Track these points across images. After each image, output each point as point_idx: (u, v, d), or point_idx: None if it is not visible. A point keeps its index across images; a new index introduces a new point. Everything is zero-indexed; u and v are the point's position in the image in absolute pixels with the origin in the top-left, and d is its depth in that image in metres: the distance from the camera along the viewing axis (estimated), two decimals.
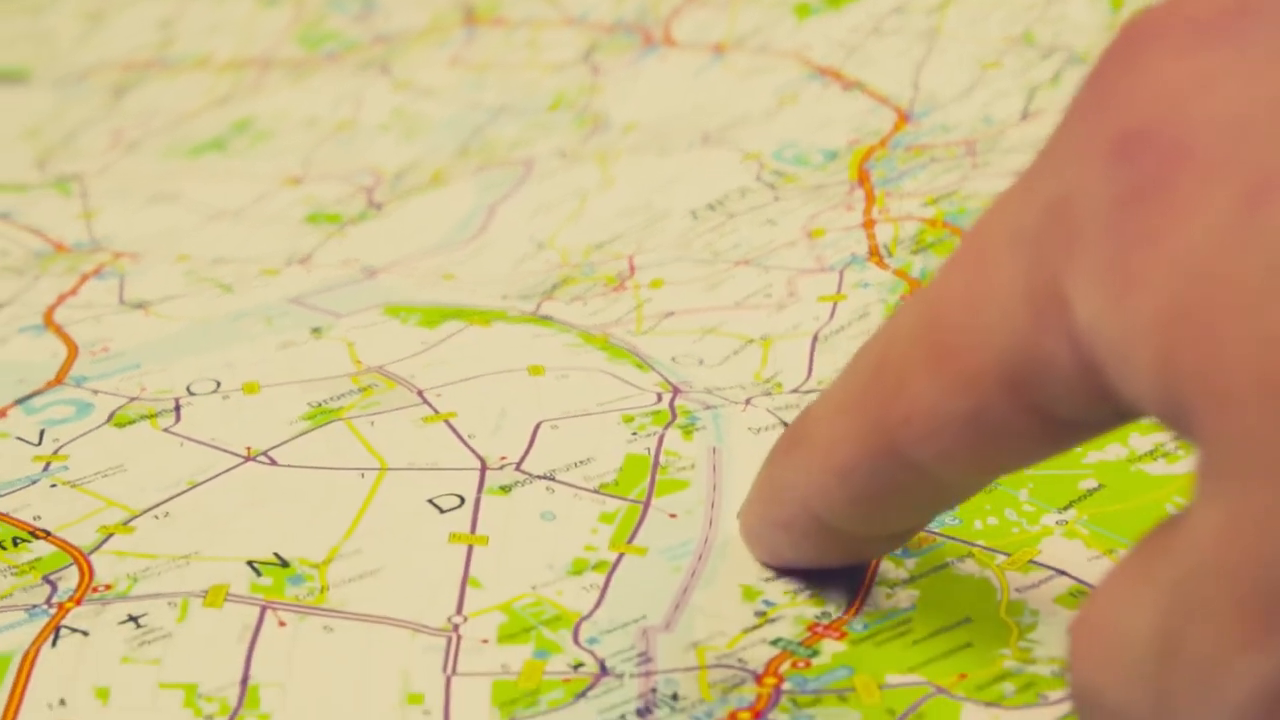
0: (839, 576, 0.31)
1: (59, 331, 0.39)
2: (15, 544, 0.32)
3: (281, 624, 0.30)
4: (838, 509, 0.29)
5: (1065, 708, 0.28)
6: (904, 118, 0.47)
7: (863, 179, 0.44)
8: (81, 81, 0.52)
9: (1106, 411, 0.24)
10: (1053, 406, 0.25)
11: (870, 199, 0.43)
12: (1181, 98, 0.22)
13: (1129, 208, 0.22)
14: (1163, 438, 0.34)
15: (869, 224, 0.42)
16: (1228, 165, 0.21)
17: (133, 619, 0.30)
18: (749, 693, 0.29)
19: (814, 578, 0.31)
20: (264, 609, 0.30)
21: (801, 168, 0.45)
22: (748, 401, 0.36)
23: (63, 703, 0.28)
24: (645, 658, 0.29)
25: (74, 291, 0.41)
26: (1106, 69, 0.23)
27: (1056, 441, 0.26)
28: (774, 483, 0.30)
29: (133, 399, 0.36)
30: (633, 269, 0.41)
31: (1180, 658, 0.22)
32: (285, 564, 0.31)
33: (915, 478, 0.27)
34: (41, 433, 0.35)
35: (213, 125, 0.50)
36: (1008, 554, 0.32)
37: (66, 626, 0.30)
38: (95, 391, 0.37)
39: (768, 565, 0.31)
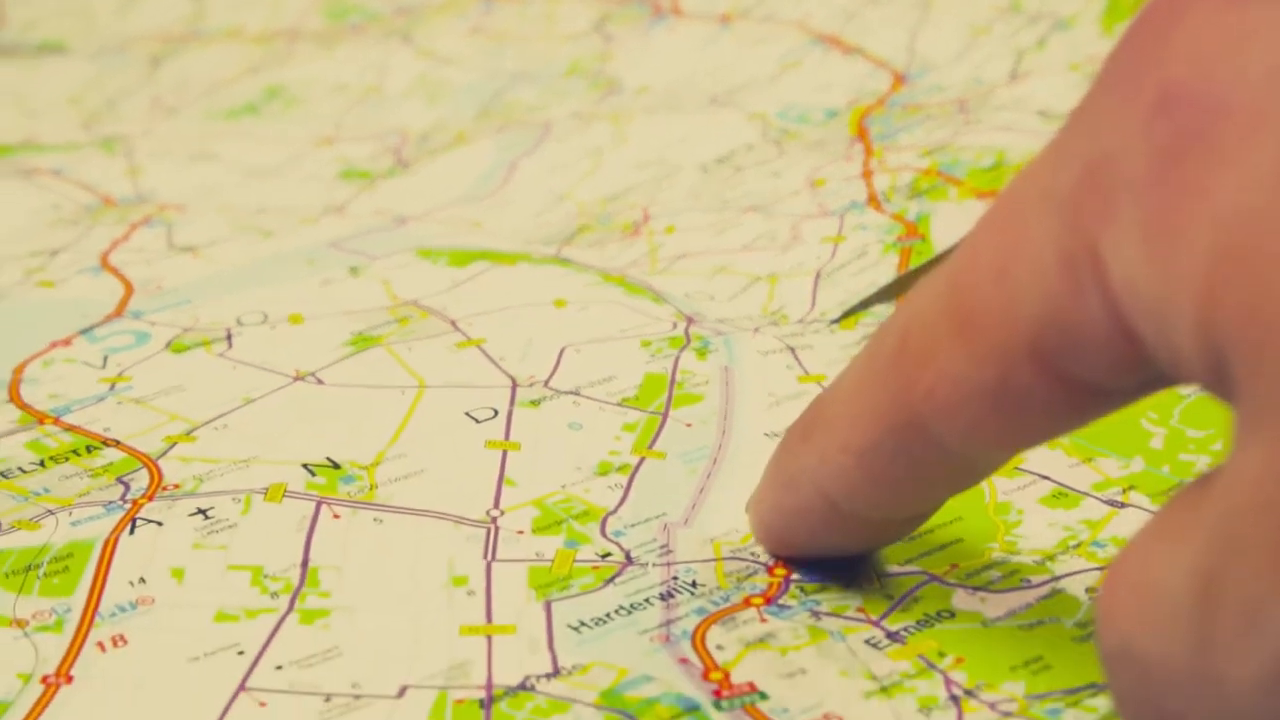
0: None
1: (115, 272, 0.42)
2: (89, 450, 0.35)
3: (336, 516, 0.33)
4: (855, 491, 0.29)
5: (1045, 590, 0.31)
6: (900, 79, 0.51)
7: (861, 134, 0.48)
8: (119, 53, 0.56)
9: (1135, 379, 0.25)
10: (1080, 374, 0.25)
11: (869, 152, 0.47)
12: (1218, 55, 0.22)
13: (1169, 164, 0.22)
14: None
15: (867, 174, 0.46)
16: (1267, 117, 0.22)
17: (201, 512, 0.33)
18: (761, 581, 0.32)
19: None
20: (319, 504, 0.34)
21: (804, 125, 0.49)
22: (756, 330, 0.40)
23: (142, 580, 0.32)
24: (666, 549, 0.33)
25: (125, 239, 0.44)
26: (1141, 31, 0.24)
27: (1082, 412, 0.26)
28: (787, 470, 0.31)
29: (187, 329, 0.40)
30: (646, 217, 0.45)
31: (1221, 599, 0.22)
32: (337, 466, 0.35)
33: (936, 455, 0.27)
34: (105, 358, 0.39)
35: (246, 92, 0.53)
36: None
37: (141, 518, 0.33)
38: (152, 323, 0.40)
39: (779, 556, 0.32)
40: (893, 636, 0.30)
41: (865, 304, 0.40)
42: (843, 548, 0.32)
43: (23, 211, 0.45)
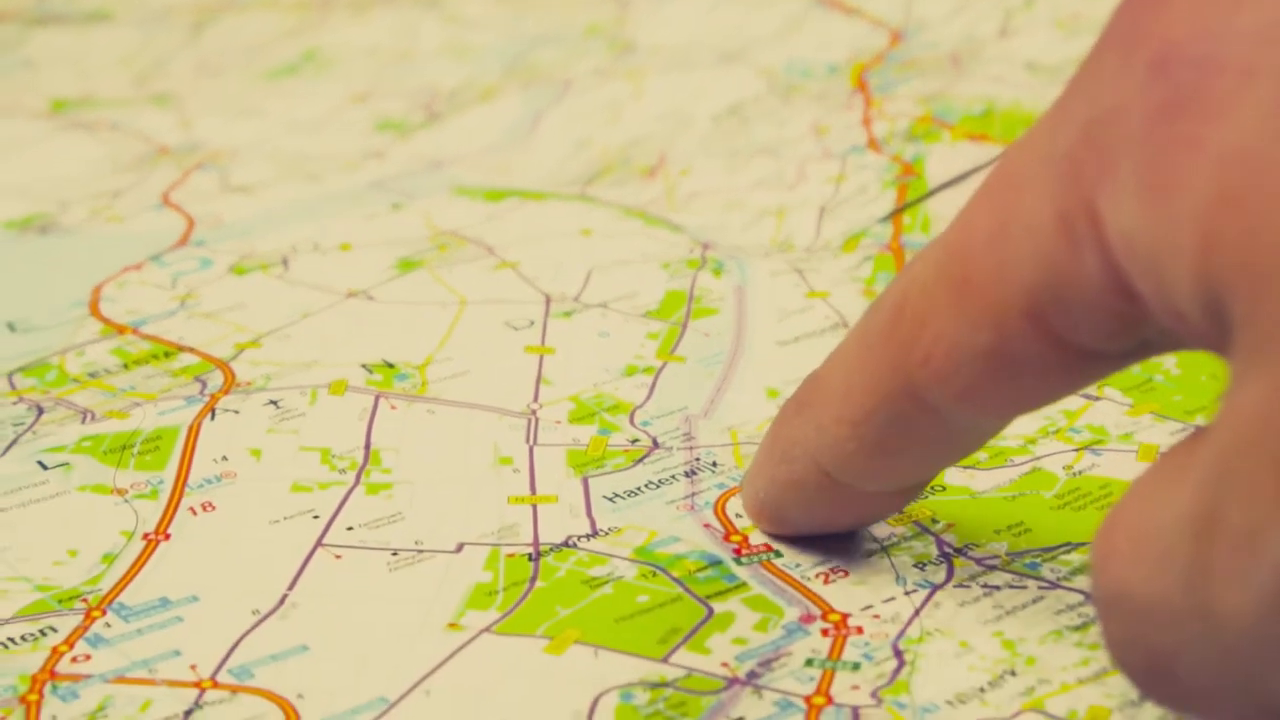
0: None
1: (176, 208, 0.47)
2: (167, 355, 0.40)
3: (393, 408, 0.38)
4: (850, 461, 0.30)
5: (1026, 468, 0.36)
6: (897, 37, 0.55)
7: (861, 87, 0.53)
8: (162, 20, 0.60)
9: (1130, 340, 0.26)
10: (1075, 336, 0.26)
11: (868, 102, 0.52)
12: (1211, 17, 0.23)
13: (1166, 118, 0.23)
14: None
15: (867, 121, 0.50)
16: (1259, 69, 0.23)
17: (272, 403, 0.38)
18: None
19: None
20: (377, 397, 0.38)
21: (808, 79, 0.53)
22: (766, 255, 0.44)
23: (225, 458, 0.36)
24: (689, 436, 0.37)
25: (182, 181, 0.49)
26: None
27: (1077, 375, 0.27)
28: (782, 442, 0.31)
29: (246, 256, 0.44)
30: (663, 161, 0.49)
31: (1217, 533, 0.23)
32: (391, 366, 0.39)
33: (932, 422, 0.28)
34: (174, 280, 0.43)
35: (284, 55, 0.57)
36: None
37: (220, 408, 0.38)
38: (214, 251, 0.45)
39: (772, 534, 0.33)
40: None
41: (865, 231, 0.45)
42: (837, 523, 0.33)
43: (85, 159, 0.50)
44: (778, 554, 0.33)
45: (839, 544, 0.33)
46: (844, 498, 0.31)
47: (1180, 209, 0.23)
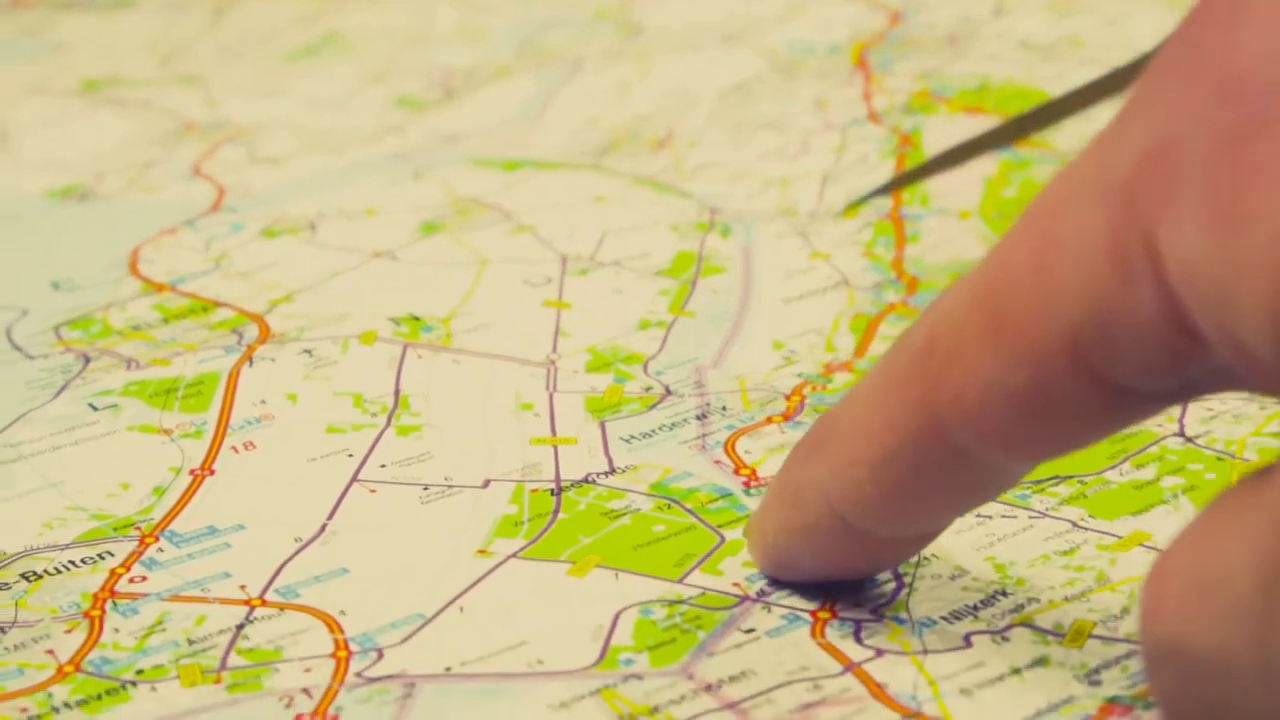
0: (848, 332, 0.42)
1: (207, 178, 0.50)
2: (204, 310, 0.42)
3: (419, 357, 0.40)
4: (867, 506, 0.29)
5: None
6: (895, 18, 0.58)
7: (861, 64, 0.55)
8: (184, 5, 0.63)
9: (1176, 379, 0.25)
10: (1119, 374, 0.25)
11: (868, 78, 0.54)
12: None
13: (1237, 144, 0.22)
14: None
15: (867, 96, 0.53)
16: None
17: (306, 351, 0.40)
18: (779, 405, 0.39)
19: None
20: (405, 347, 0.41)
21: (810, 58, 0.56)
22: (771, 220, 0.47)
23: (263, 402, 0.39)
24: (699, 384, 0.40)
25: (211, 154, 0.51)
26: (1204, 21, 0.24)
27: (1114, 417, 0.26)
28: (794, 484, 0.30)
29: (276, 221, 0.47)
30: (671, 135, 0.52)
31: None
32: (417, 319, 0.42)
33: (958, 465, 0.27)
34: (208, 243, 0.46)
35: (303, 38, 0.60)
36: None
37: (257, 356, 0.40)
38: (245, 217, 0.47)
39: (779, 581, 0.33)
40: None
41: (866, 198, 0.48)
42: (848, 569, 0.32)
43: (116, 134, 0.52)
44: None
45: None
46: (858, 544, 0.30)
47: (1253, 239, 0.22)
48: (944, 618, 0.32)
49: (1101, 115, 0.52)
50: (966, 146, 0.50)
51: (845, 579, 0.32)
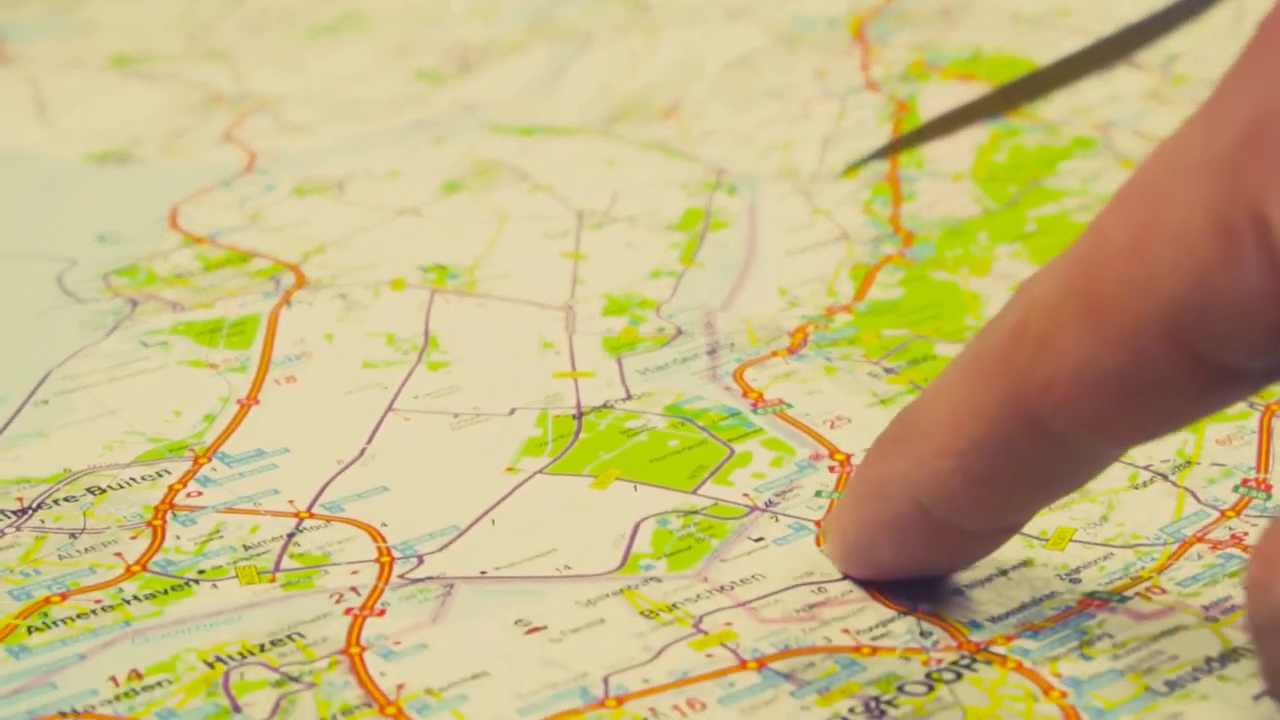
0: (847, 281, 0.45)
1: (238, 144, 0.53)
2: (242, 260, 0.46)
3: (446, 302, 0.44)
4: (953, 497, 0.29)
5: None
6: None
7: (859, 36, 0.59)
8: None
9: (1278, 356, 0.25)
10: (1222, 353, 0.25)
11: (866, 49, 0.58)
12: None
13: None
14: None
15: (865, 65, 0.57)
16: None
17: (340, 296, 0.44)
18: (785, 340, 0.42)
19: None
20: (433, 293, 0.44)
21: (810, 30, 0.59)
22: (774, 180, 0.50)
23: (301, 341, 0.42)
24: (709, 325, 0.43)
25: (240, 122, 0.55)
26: None
27: (1212, 397, 0.26)
28: (876, 479, 0.31)
29: (305, 181, 0.50)
30: (678, 104, 0.55)
31: None
32: (444, 267, 0.45)
33: (1048, 452, 0.28)
34: (242, 200, 0.49)
35: (323, 17, 0.63)
36: (968, 266, 0.46)
37: (294, 300, 0.44)
38: (276, 178, 0.51)
39: (860, 580, 0.33)
40: (889, 370, 0.41)
41: (864, 160, 0.51)
42: (930, 564, 0.32)
43: (149, 105, 0.56)
44: (789, 405, 0.39)
45: (843, 398, 0.39)
46: (941, 537, 0.31)
47: None
48: None
49: (1088, 87, 0.55)
50: (960, 113, 0.53)
51: (926, 576, 0.33)
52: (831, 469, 0.37)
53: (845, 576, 0.33)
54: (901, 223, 0.48)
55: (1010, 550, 0.34)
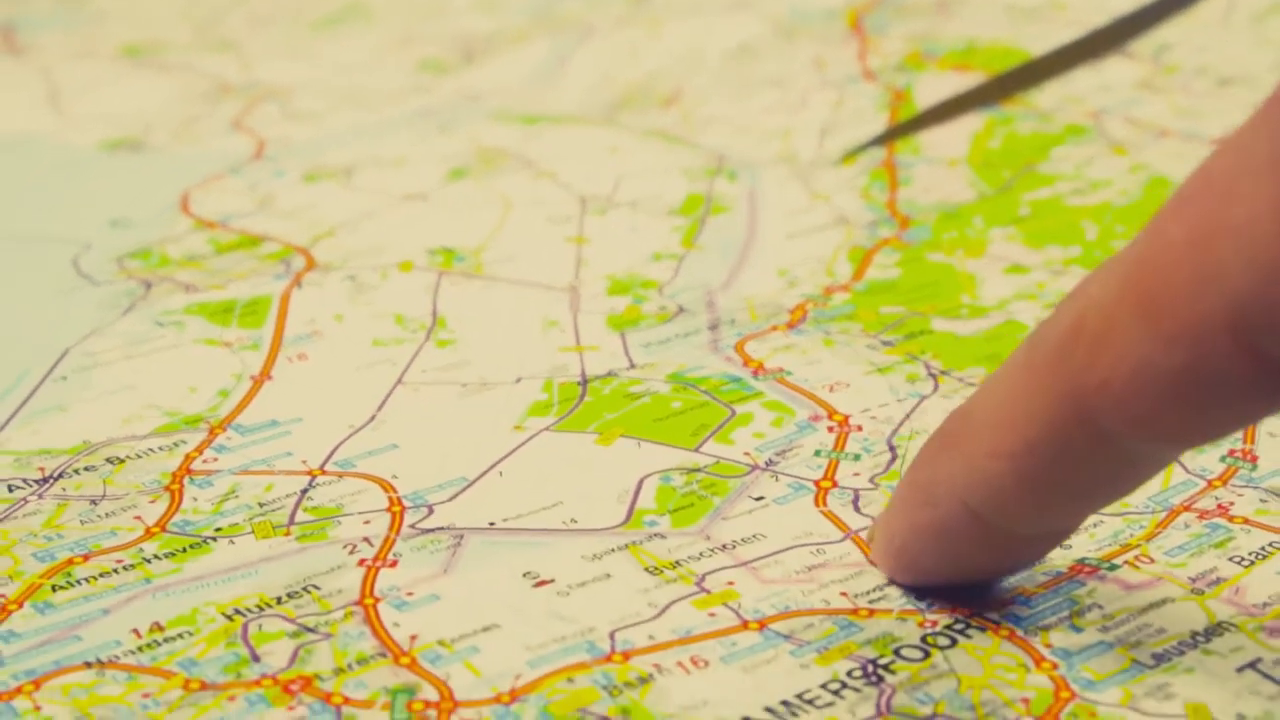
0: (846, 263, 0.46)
1: (248, 131, 0.54)
2: (253, 243, 0.47)
3: (453, 283, 0.45)
4: (1005, 500, 0.29)
5: (1001, 318, 0.43)
6: None
7: (857, 27, 0.60)
8: None
9: None
10: None
11: (863, 40, 0.59)
12: None
13: None
14: None
15: (862, 55, 0.58)
16: None
17: (350, 278, 0.45)
18: (784, 316, 0.44)
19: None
20: (440, 275, 0.46)
21: (808, 22, 0.61)
22: (774, 166, 0.52)
23: (312, 320, 0.44)
24: (711, 303, 0.45)
25: (249, 111, 0.56)
26: None
27: (1271, 397, 0.26)
28: (924, 483, 0.31)
29: (314, 168, 0.52)
30: (679, 93, 0.57)
31: None
32: (450, 250, 0.47)
33: (1103, 454, 0.27)
34: (253, 186, 0.51)
35: (328, 9, 0.65)
36: (963, 248, 0.47)
37: (305, 282, 0.45)
38: (284, 166, 0.52)
39: (905, 585, 0.33)
40: (886, 343, 0.42)
41: (862, 147, 0.53)
42: (979, 569, 0.32)
43: (160, 94, 0.57)
44: (788, 373, 0.41)
45: (842, 367, 0.41)
46: (991, 542, 0.31)
47: None
48: None
49: (1081, 76, 0.57)
50: (955, 102, 0.55)
51: (974, 581, 0.33)
52: (830, 429, 0.39)
53: (891, 582, 0.33)
54: (898, 207, 0.49)
55: None
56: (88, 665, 0.32)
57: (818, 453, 0.38)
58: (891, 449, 0.38)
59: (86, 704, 0.31)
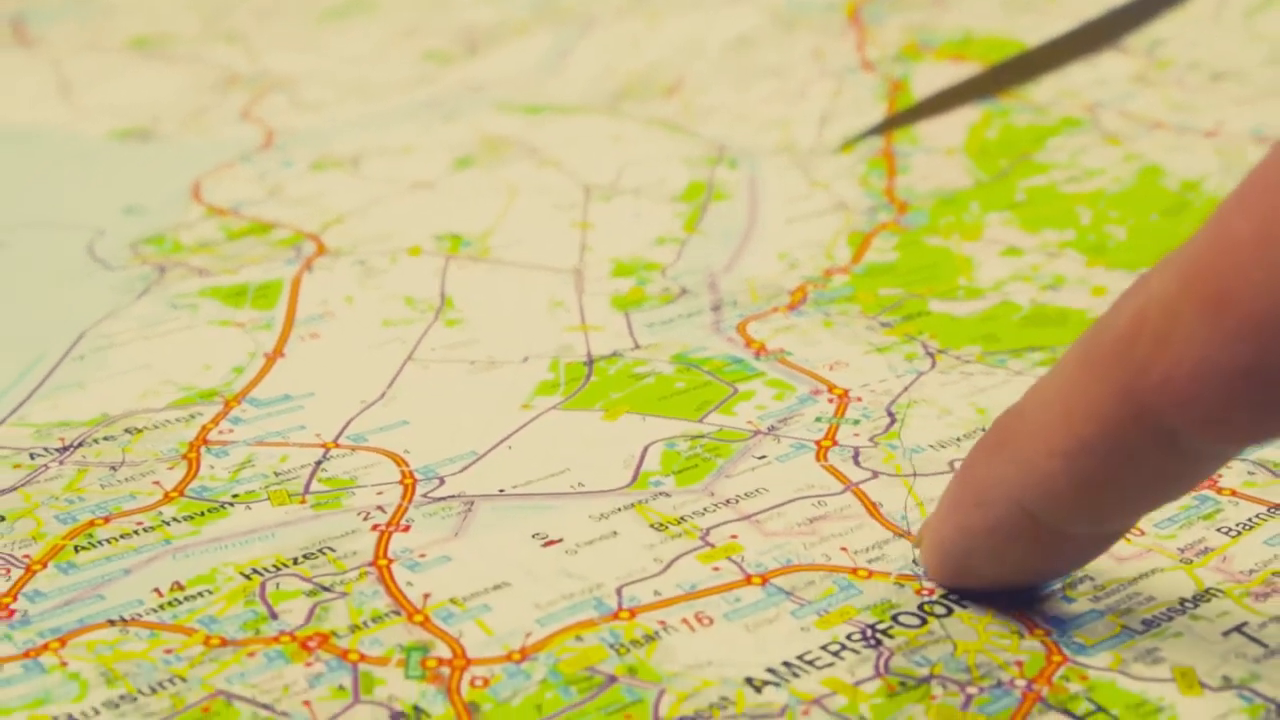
0: (845, 245, 0.48)
1: (256, 121, 0.56)
2: (264, 229, 0.49)
3: (461, 267, 0.47)
4: (1060, 499, 0.29)
5: (996, 299, 0.45)
6: None
7: (855, 18, 0.62)
8: None
9: None
10: None
11: (861, 31, 0.61)
12: None
13: None
14: None
15: (860, 46, 0.60)
16: None
17: (360, 263, 0.47)
18: (785, 298, 0.45)
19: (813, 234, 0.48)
20: (448, 259, 0.47)
21: (807, 13, 0.63)
22: (774, 154, 0.53)
23: (324, 302, 0.45)
24: (713, 285, 0.46)
25: (257, 101, 0.58)
26: None
27: None
28: (977, 484, 0.30)
29: (322, 157, 0.53)
30: (680, 83, 0.58)
31: None
32: (457, 235, 0.48)
33: (1161, 453, 0.27)
34: (262, 174, 0.52)
35: (333, 1, 0.66)
36: (960, 232, 0.49)
37: (315, 266, 0.47)
38: (293, 155, 0.53)
39: (952, 589, 0.33)
40: (885, 324, 0.44)
41: (860, 136, 0.54)
42: (1031, 571, 0.32)
43: (169, 84, 0.59)
44: (789, 353, 0.42)
45: (842, 347, 0.42)
46: (1044, 542, 0.30)
47: None
48: (931, 446, 0.38)
49: (1076, 70, 0.58)
50: (952, 92, 0.56)
51: (1021, 585, 0.33)
52: (831, 401, 0.40)
53: (943, 588, 0.33)
54: (896, 194, 0.51)
55: None
56: (111, 623, 0.33)
57: (819, 419, 0.39)
58: (890, 415, 0.39)
59: (111, 660, 0.32)
